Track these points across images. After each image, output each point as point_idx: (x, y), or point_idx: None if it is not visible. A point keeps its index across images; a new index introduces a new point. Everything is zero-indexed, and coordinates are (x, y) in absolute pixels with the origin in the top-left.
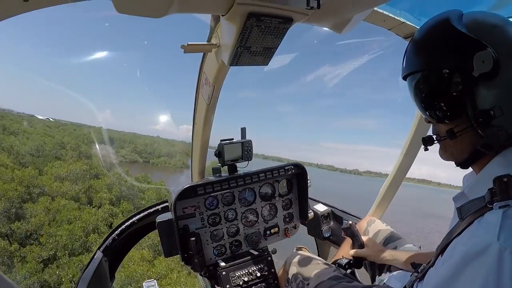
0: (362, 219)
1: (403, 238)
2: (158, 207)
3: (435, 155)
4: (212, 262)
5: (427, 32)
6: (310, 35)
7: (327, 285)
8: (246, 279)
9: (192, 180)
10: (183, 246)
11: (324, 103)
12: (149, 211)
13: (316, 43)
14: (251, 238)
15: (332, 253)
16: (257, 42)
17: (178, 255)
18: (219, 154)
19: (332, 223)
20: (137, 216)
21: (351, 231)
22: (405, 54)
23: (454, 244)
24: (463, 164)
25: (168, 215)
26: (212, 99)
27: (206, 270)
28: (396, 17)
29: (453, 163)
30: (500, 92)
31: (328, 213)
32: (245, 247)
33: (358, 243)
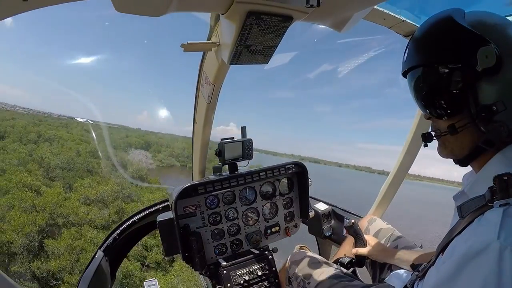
0: (363, 218)
1: (404, 237)
2: (158, 206)
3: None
4: (213, 261)
5: (430, 28)
6: (357, 34)
7: (328, 284)
8: (247, 278)
9: (192, 179)
10: (184, 245)
11: (360, 103)
12: (149, 210)
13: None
14: (252, 237)
15: (333, 252)
16: (257, 40)
17: (179, 254)
18: (219, 153)
19: (333, 222)
20: (137, 215)
21: (353, 230)
22: (405, 51)
23: (455, 243)
24: (462, 161)
25: (169, 214)
26: (212, 98)
27: (207, 269)
28: (396, 15)
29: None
30: (503, 87)
31: (329, 211)
32: (246, 246)
33: (360, 241)
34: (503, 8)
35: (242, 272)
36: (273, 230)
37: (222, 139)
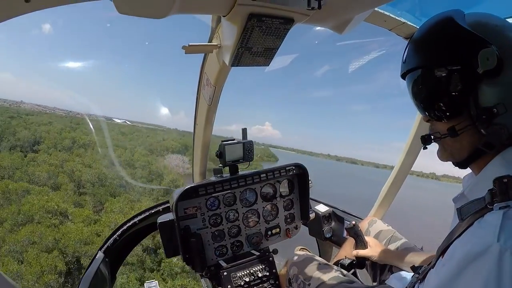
0: (363, 219)
1: (404, 238)
2: (159, 207)
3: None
4: (213, 262)
5: (430, 29)
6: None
7: (328, 285)
8: (247, 280)
9: (193, 181)
10: (184, 247)
11: (397, 101)
12: (150, 211)
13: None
14: (253, 238)
15: (334, 253)
16: (258, 42)
17: (180, 256)
18: (220, 154)
19: (333, 223)
20: (138, 217)
21: (354, 231)
22: (405, 52)
23: (455, 246)
24: (462, 164)
25: (170, 216)
26: (213, 100)
27: (208, 270)
28: (396, 17)
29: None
30: (504, 89)
31: (329, 213)
32: (246, 248)
33: (361, 243)
34: (503, 10)
35: (243, 273)
36: (273, 231)
37: (223, 141)
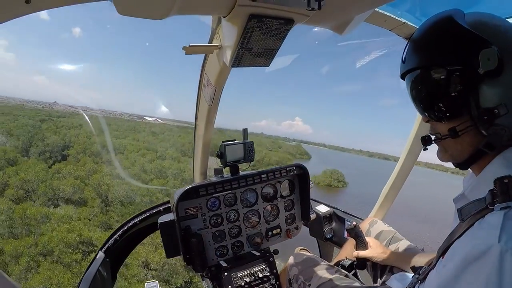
0: (364, 220)
1: (405, 239)
2: (160, 208)
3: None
4: (214, 263)
5: (430, 29)
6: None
7: (328, 286)
8: (248, 280)
9: (194, 181)
10: (185, 247)
11: None
12: (151, 212)
13: None
14: (253, 239)
15: (335, 254)
16: (258, 43)
17: (180, 256)
18: (221, 155)
19: (334, 224)
20: (139, 217)
21: (355, 232)
22: (404, 52)
23: (455, 246)
24: (462, 165)
25: (170, 216)
26: (214, 101)
27: (208, 271)
28: (397, 17)
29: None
30: (505, 90)
31: (330, 214)
32: (247, 248)
33: (361, 244)
34: (503, 10)
35: (243, 274)
36: (274, 232)
37: (223, 141)
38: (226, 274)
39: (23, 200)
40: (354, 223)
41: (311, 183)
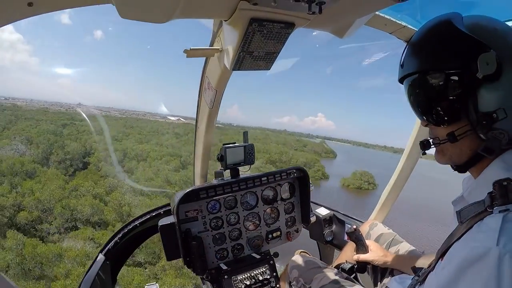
0: (364, 222)
1: (405, 241)
2: (160, 210)
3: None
4: (214, 265)
5: (428, 33)
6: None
7: None
8: (248, 283)
9: (194, 184)
10: (185, 250)
11: None
12: (151, 214)
13: None
14: (253, 241)
15: (335, 256)
16: (259, 47)
17: (181, 258)
18: (221, 158)
19: (334, 226)
20: (139, 219)
21: (355, 236)
22: (402, 56)
23: (454, 249)
24: (461, 168)
25: (171, 219)
26: (214, 103)
27: (208, 273)
28: (397, 21)
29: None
30: (504, 94)
31: (330, 216)
32: (247, 251)
33: (362, 247)
34: (502, 13)
35: (243, 277)
36: (274, 235)
37: (224, 144)
38: (226, 277)
39: (36, 228)
40: (355, 226)
41: (311, 185)
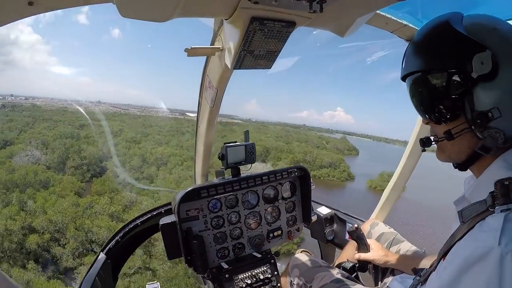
0: (365, 222)
1: (406, 241)
2: (161, 209)
3: None
4: (215, 264)
5: (427, 33)
6: None
7: (330, 287)
8: (249, 282)
9: (195, 183)
10: (186, 249)
11: None
12: (152, 213)
13: None
14: (254, 240)
15: (336, 255)
16: (260, 45)
17: (182, 257)
18: (222, 156)
19: (335, 225)
20: (140, 218)
21: (356, 235)
22: (404, 55)
23: (456, 248)
24: (461, 166)
25: (172, 218)
26: (215, 102)
27: (209, 272)
28: (398, 19)
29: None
30: (499, 94)
31: (331, 215)
32: (248, 250)
33: (363, 246)
34: (505, 12)
35: (244, 276)
36: (275, 234)
37: (225, 143)
38: (227, 276)
39: (49, 251)
40: (356, 225)
41: (312, 184)
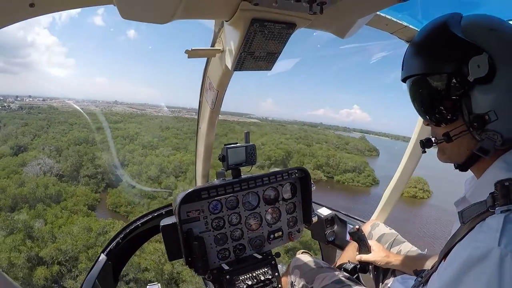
0: (366, 222)
1: (407, 241)
2: (162, 211)
3: None
4: (216, 265)
5: (425, 36)
6: None
7: None
8: (250, 283)
9: (196, 184)
10: (187, 250)
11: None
12: (153, 214)
13: None
14: (255, 242)
15: (337, 256)
16: (260, 47)
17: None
18: (223, 158)
19: (336, 227)
20: (141, 220)
21: (357, 236)
22: (404, 57)
23: (456, 249)
24: (461, 167)
25: (172, 219)
26: (216, 104)
27: (210, 273)
28: (398, 21)
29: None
30: (495, 96)
31: (332, 217)
32: (249, 251)
33: (364, 247)
34: (505, 12)
35: (245, 277)
36: (276, 235)
37: (225, 145)
38: (228, 277)
39: (59, 283)
40: (357, 226)
41: (312, 185)
